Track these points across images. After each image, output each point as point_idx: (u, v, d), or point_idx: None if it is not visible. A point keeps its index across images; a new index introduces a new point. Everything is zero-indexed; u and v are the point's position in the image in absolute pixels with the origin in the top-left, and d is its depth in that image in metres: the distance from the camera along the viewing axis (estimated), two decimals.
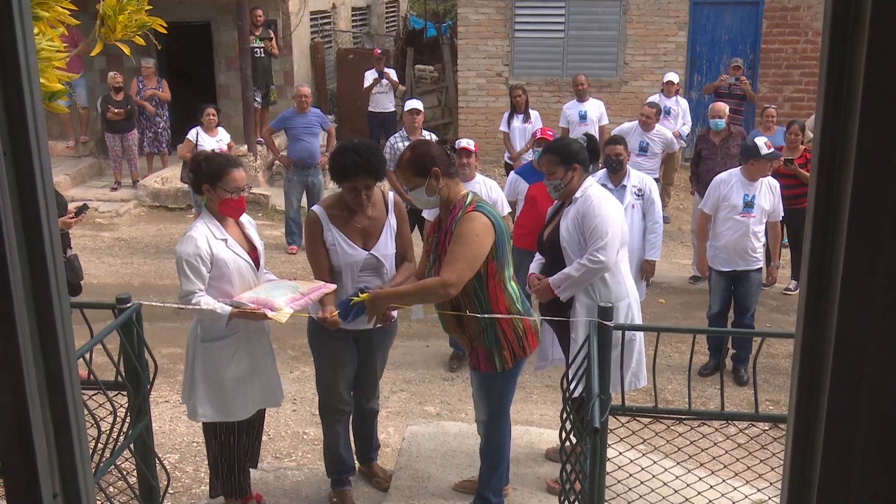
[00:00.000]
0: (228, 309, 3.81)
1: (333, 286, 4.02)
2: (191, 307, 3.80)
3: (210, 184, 3.92)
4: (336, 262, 4.07)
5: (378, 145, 4.68)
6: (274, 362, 4.22)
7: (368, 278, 4.07)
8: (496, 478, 4.14)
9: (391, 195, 4.26)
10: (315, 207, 4.19)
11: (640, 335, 4.50)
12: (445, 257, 3.75)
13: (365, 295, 3.84)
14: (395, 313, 4.23)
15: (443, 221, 3.93)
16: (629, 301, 4.43)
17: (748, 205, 6.32)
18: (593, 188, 4.41)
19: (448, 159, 3.89)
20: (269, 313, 3.77)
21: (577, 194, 4.37)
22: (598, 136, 9.60)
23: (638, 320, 4.52)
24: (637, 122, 9.32)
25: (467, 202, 3.81)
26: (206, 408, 3.99)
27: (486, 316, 3.81)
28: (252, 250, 4.08)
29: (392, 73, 13.29)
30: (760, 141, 6.45)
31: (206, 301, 3.80)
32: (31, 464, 1.00)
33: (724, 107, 8.94)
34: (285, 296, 3.85)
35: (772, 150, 6.41)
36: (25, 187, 0.96)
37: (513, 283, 3.93)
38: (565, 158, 4.38)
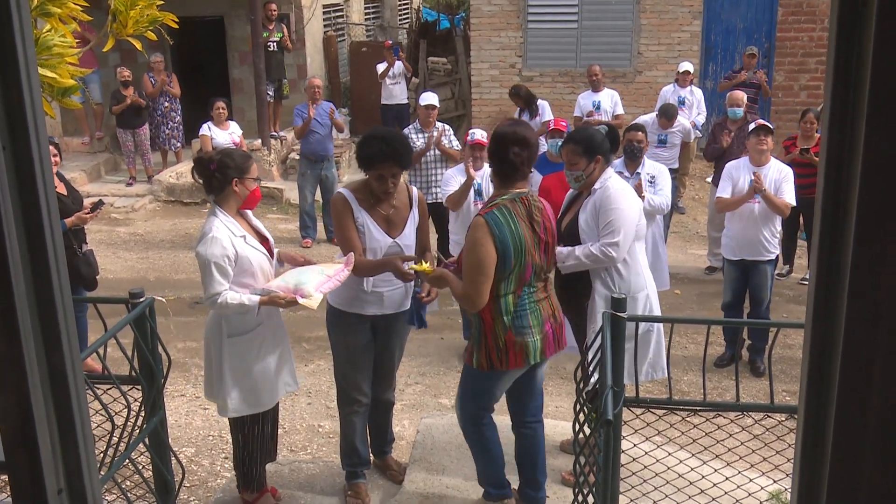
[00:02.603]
0: (256, 299, 3.85)
1: (352, 257, 3.99)
2: (220, 308, 3.84)
3: (239, 177, 3.94)
4: (363, 245, 4.09)
5: (403, 134, 4.69)
6: (290, 348, 4.33)
7: None
8: (487, 471, 4.12)
9: (416, 191, 4.29)
10: (342, 189, 4.21)
11: (658, 326, 4.47)
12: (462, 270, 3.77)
13: (430, 269, 3.87)
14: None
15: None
16: (647, 292, 4.41)
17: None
18: (613, 180, 4.37)
19: (521, 162, 3.76)
20: (300, 300, 3.80)
21: (597, 185, 4.33)
22: None
23: (656, 311, 4.50)
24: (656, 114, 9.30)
25: (493, 202, 3.78)
26: (236, 403, 4.02)
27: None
28: (264, 241, 4.10)
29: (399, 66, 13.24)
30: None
31: (233, 296, 3.83)
32: (35, 459, 1.00)
33: (742, 95, 8.87)
34: (313, 281, 3.87)
35: (762, 123, 6.41)
36: (25, 182, 0.96)
37: (509, 297, 3.77)
38: (589, 150, 4.32)
